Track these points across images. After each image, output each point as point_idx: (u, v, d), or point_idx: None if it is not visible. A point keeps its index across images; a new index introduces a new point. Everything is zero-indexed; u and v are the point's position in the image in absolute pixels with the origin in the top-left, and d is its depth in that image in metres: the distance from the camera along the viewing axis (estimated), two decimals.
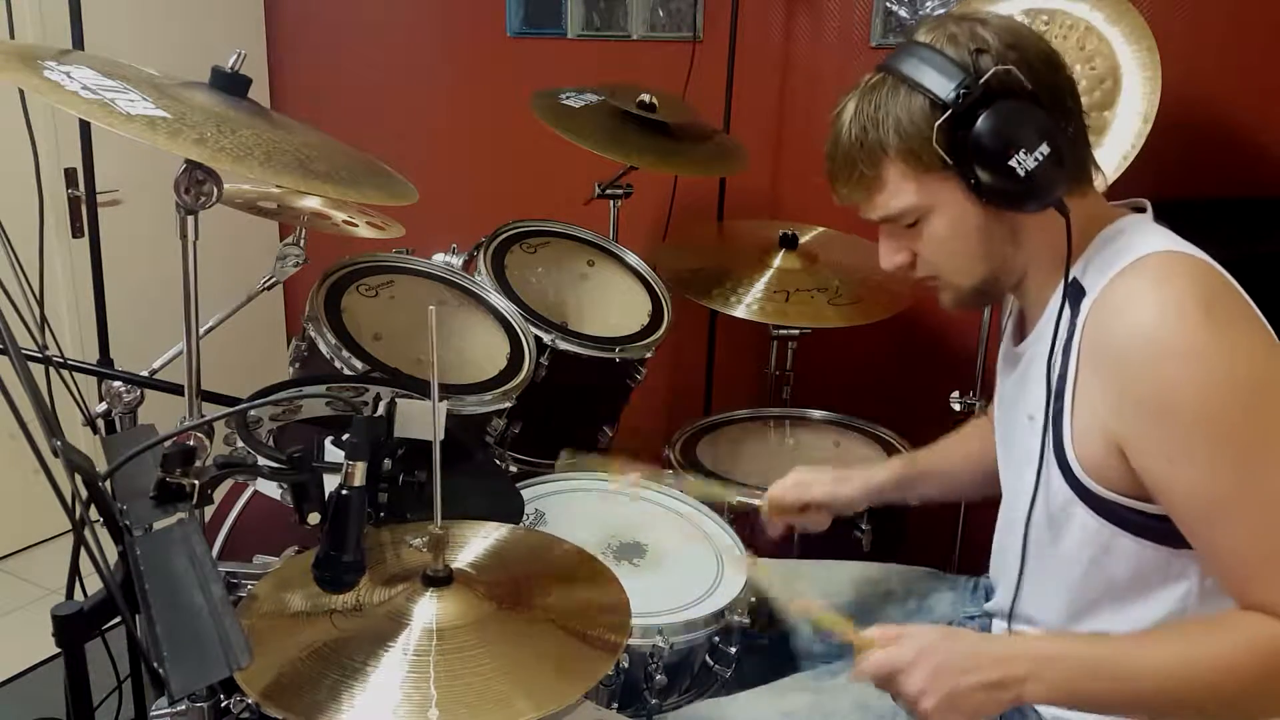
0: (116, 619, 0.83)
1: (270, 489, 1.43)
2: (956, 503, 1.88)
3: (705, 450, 1.94)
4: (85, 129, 2.05)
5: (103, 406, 1.55)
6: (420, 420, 1.02)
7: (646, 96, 2.05)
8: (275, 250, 1.76)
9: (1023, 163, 0.96)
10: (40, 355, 1.22)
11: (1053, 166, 0.96)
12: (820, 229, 2.23)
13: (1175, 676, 0.93)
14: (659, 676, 1.24)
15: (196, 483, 0.90)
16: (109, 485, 0.89)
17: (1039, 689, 0.96)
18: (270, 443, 1.13)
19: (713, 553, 1.44)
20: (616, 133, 2.00)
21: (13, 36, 1.98)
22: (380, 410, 1.02)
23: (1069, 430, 1.02)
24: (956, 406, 2.03)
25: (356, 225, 1.85)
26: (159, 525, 0.87)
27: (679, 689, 1.32)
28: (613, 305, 1.95)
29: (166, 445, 0.90)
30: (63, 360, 1.39)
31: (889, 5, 2.33)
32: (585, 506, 1.55)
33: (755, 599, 1.35)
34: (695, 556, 1.43)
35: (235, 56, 1.25)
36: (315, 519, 0.98)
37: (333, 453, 1.01)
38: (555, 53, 2.78)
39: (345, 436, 0.94)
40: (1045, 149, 0.96)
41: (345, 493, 0.92)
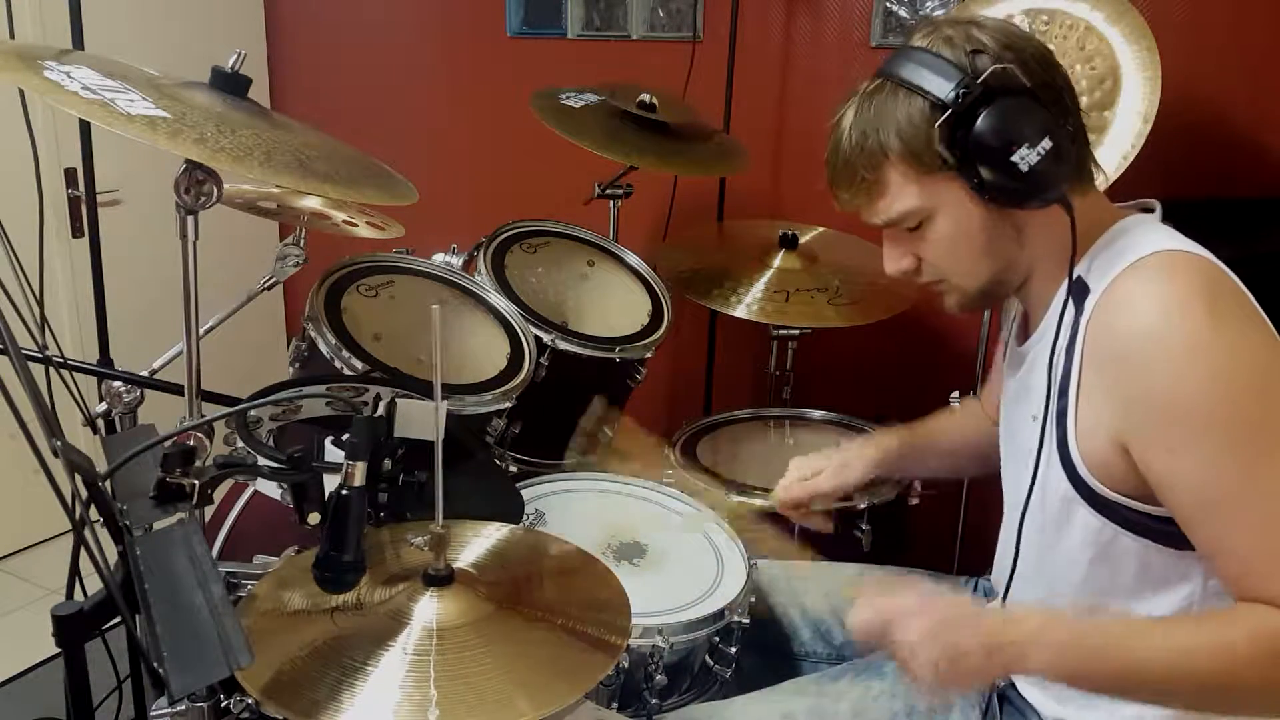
0: (116, 619, 0.83)
1: (270, 489, 1.43)
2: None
3: (705, 450, 1.94)
4: (85, 129, 2.05)
5: (103, 406, 1.55)
6: (420, 420, 1.02)
7: (646, 96, 2.04)
8: (275, 250, 1.76)
9: (1025, 158, 0.96)
10: (40, 355, 1.21)
11: (1054, 162, 0.97)
12: (820, 229, 2.23)
13: (1176, 650, 0.93)
14: (659, 677, 1.24)
15: (196, 483, 0.90)
16: (109, 485, 0.89)
17: (1040, 655, 0.95)
18: (270, 443, 1.13)
19: (713, 553, 1.44)
20: (616, 133, 2.00)
21: (13, 36, 1.98)
22: (380, 410, 1.02)
23: (1072, 428, 1.02)
24: (956, 406, 2.02)
25: (356, 225, 1.85)
26: (159, 525, 0.87)
27: (679, 689, 1.32)
28: (613, 305, 1.95)
29: (166, 445, 0.90)
30: (63, 360, 1.38)
31: (889, 5, 2.33)
32: (585, 506, 1.55)
33: (755, 598, 1.35)
34: (695, 556, 1.43)
35: (235, 56, 1.25)
36: (315, 519, 0.98)
37: (333, 453, 1.01)
38: (555, 53, 2.78)
39: (345, 436, 0.94)
40: (1047, 144, 0.96)
41: (345, 493, 0.92)
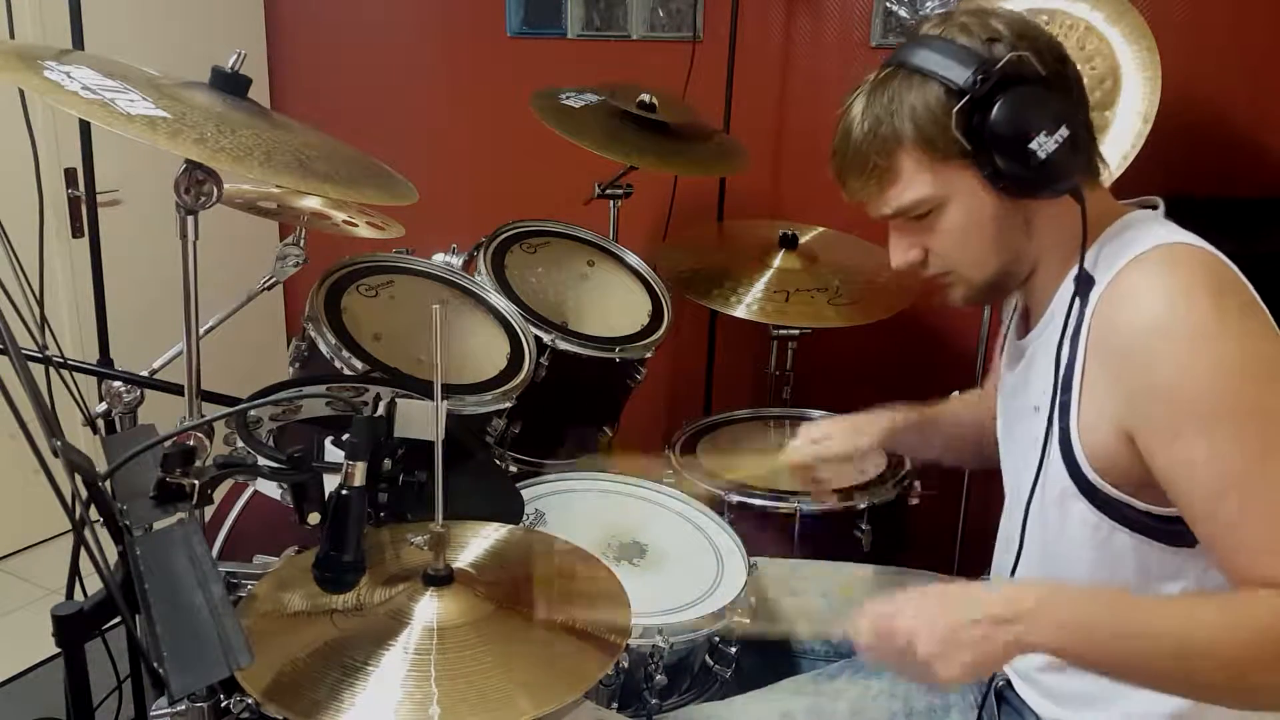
0: (116, 619, 0.83)
1: (270, 489, 1.43)
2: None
3: (705, 450, 1.94)
4: (85, 129, 2.05)
5: (103, 406, 1.55)
6: (420, 420, 1.02)
7: (646, 96, 2.04)
8: (275, 250, 1.76)
9: (1043, 145, 0.95)
10: (40, 355, 1.21)
11: (1070, 151, 0.97)
12: (820, 229, 2.22)
13: (1177, 624, 0.91)
14: (659, 677, 1.24)
15: (196, 483, 0.90)
16: (109, 485, 0.89)
17: (1043, 629, 0.93)
18: (270, 443, 1.13)
19: (713, 553, 1.44)
20: (616, 133, 2.00)
21: (13, 36, 1.98)
22: (380, 410, 1.02)
23: (1075, 421, 1.02)
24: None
25: (356, 225, 1.85)
26: (159, 525, 0.87)
27: (679, 689, 1.32)
28: (613, 305, 1.95)
29: (166, 445, 0.90)
30: (63, 360, 1.38)
31: (889, 5, 2.33)
32: (585, 506, 1.55)
33: (754, 598, 1.35)
34: (695, 556, 1.43)
35: (235, 56, 1.25)
36: (315, 519, 0.98)
37: (333, 453, 1.01)
38: (555, 53, 2.78)
39: (345, 436, 0.94)
40: (1064, 132, 0.96)
41: (345, 493, 0.92)
